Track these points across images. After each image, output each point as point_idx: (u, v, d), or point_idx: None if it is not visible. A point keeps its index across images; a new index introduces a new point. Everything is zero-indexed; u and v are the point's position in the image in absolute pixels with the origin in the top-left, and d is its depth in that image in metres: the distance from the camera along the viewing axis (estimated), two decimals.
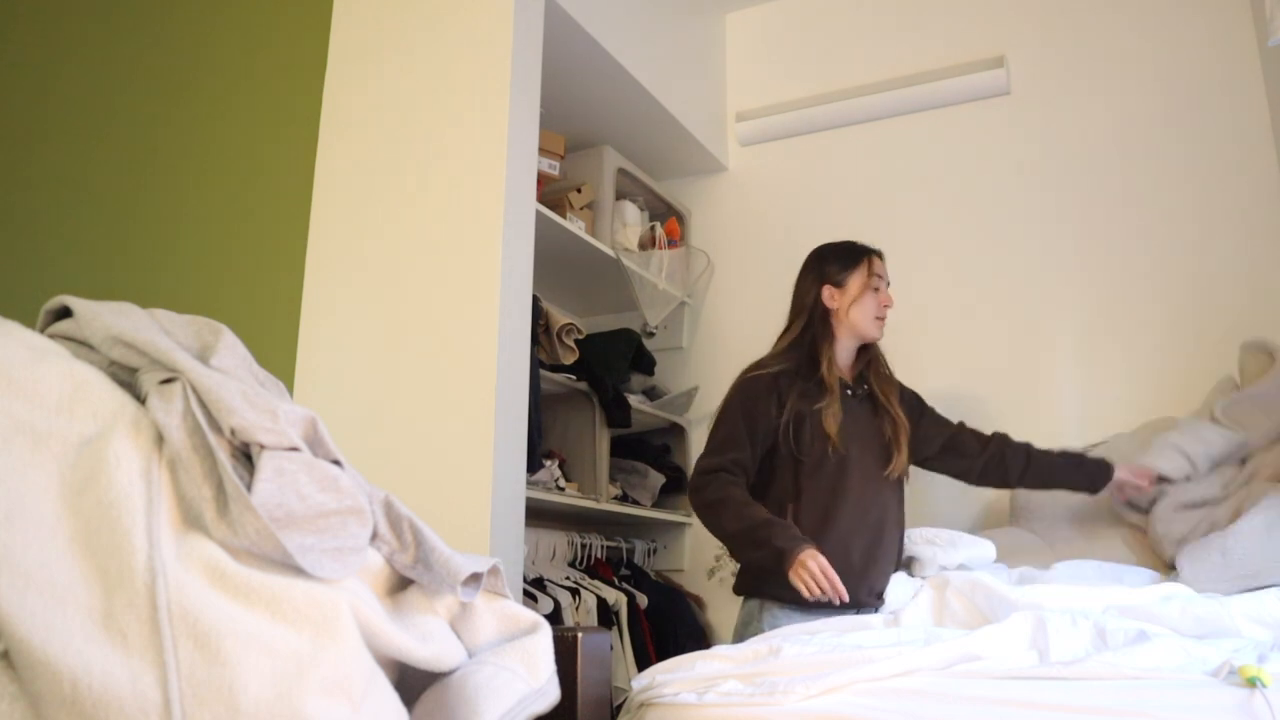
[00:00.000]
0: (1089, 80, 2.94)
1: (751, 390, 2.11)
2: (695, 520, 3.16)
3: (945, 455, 2.26)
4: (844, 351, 2.20)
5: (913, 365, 2.93)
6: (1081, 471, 2.22)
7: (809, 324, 2.18)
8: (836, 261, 2.23)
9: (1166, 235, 2.75)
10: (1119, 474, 2.19)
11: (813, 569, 1.80)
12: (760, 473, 2.10)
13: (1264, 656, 1.12)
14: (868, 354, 2.23)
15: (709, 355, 3.29)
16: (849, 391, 2.17)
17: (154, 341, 0.74)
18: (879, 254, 2.26)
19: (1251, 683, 0.97)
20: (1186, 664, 1.12)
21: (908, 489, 2.24)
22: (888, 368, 2.25)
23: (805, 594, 1.80)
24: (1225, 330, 2.63)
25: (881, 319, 2.19)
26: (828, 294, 2.19)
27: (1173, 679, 1.06)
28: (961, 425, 2.30)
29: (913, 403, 2.26)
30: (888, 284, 2.24)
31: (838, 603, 1.81)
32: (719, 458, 2.07)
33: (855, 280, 2.18)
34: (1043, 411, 2.79)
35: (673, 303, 3.23)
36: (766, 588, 2.02)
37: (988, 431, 2.29)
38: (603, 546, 2.84)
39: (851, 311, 2.17)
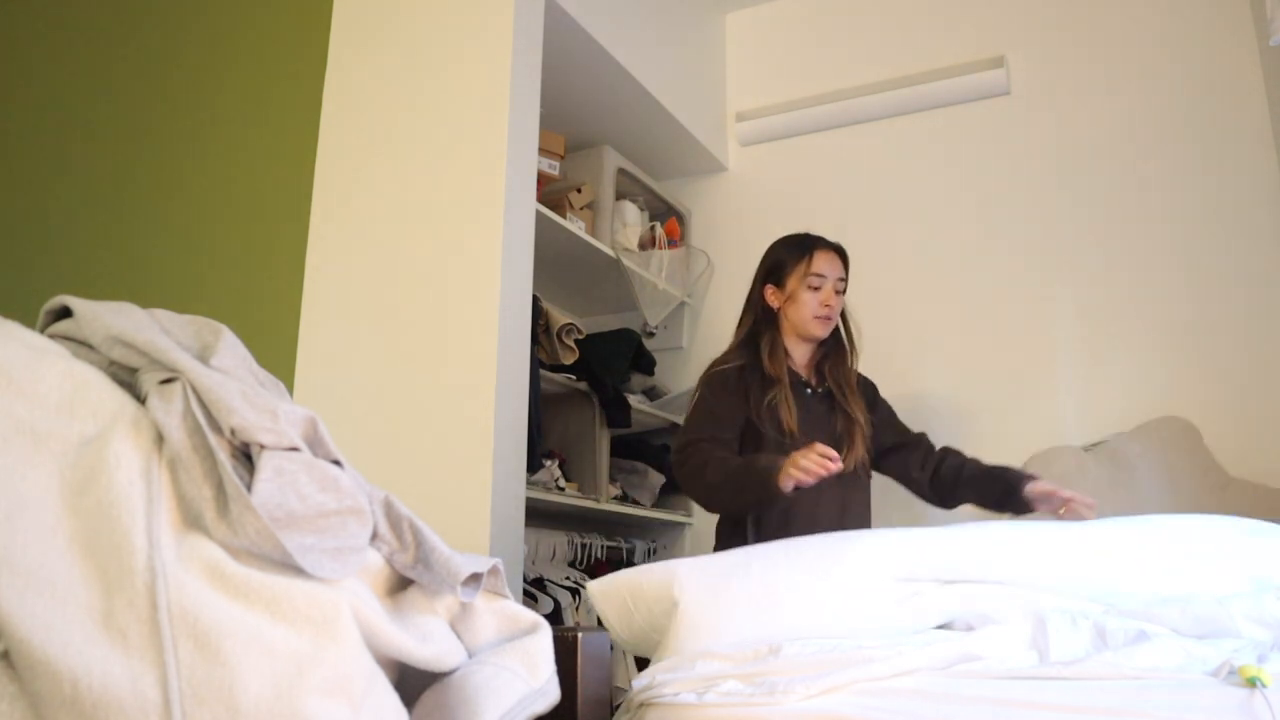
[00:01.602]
0: (1089, 80, 2.94)
1: (718, 383, 2.12)
2: (695, 520, 3.16)
3: (891, 460, 2.20)
4: (797, 348, 2.19)
5: (912, 365, 2.94)
6: (1001, 480, 2.06)
7: (755, 321, 2.20)
8: (779, 258, 2.22)
9: (1166, 235, 2.75)
10: (1036, 487, 1.96)
11: (802, 462, 1.78)
12: None
13: (1264, 656, 1.12)
14: (824, 349, 2.21)
15: (709, 355, 3.27)
16: (808, 390, 2.16)
17: (154, 341, 0.74)
18: (830, 247, 2.21)
19: (1251, 683, 0.97)
20: (1186, 664, 1.12)
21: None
22: (849, 362, 2.21)
23: (810, 481, 1.77)
24: (1225, 330, 2.64)
25: (822, 318, 2.15)
26: (770, 293, 2.20)
27: (1173, 679, 1.06)
28: (920, 437, 2.25)
29: (868, 394, 2.24)
30: (840, 279, 2.19)
31: (836, 469, 1.78)
32: (695, 434, 2.06)
33: (793, 279, 2.17)
34: (1043, 411, 2.79)
35: (673, 303, 3.23)
36: None
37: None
38: (603, 546, 2.84)
39: (789, 310, 2.17)
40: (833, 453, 1.78)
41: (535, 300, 2.38)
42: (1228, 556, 1.45)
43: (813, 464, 1.77)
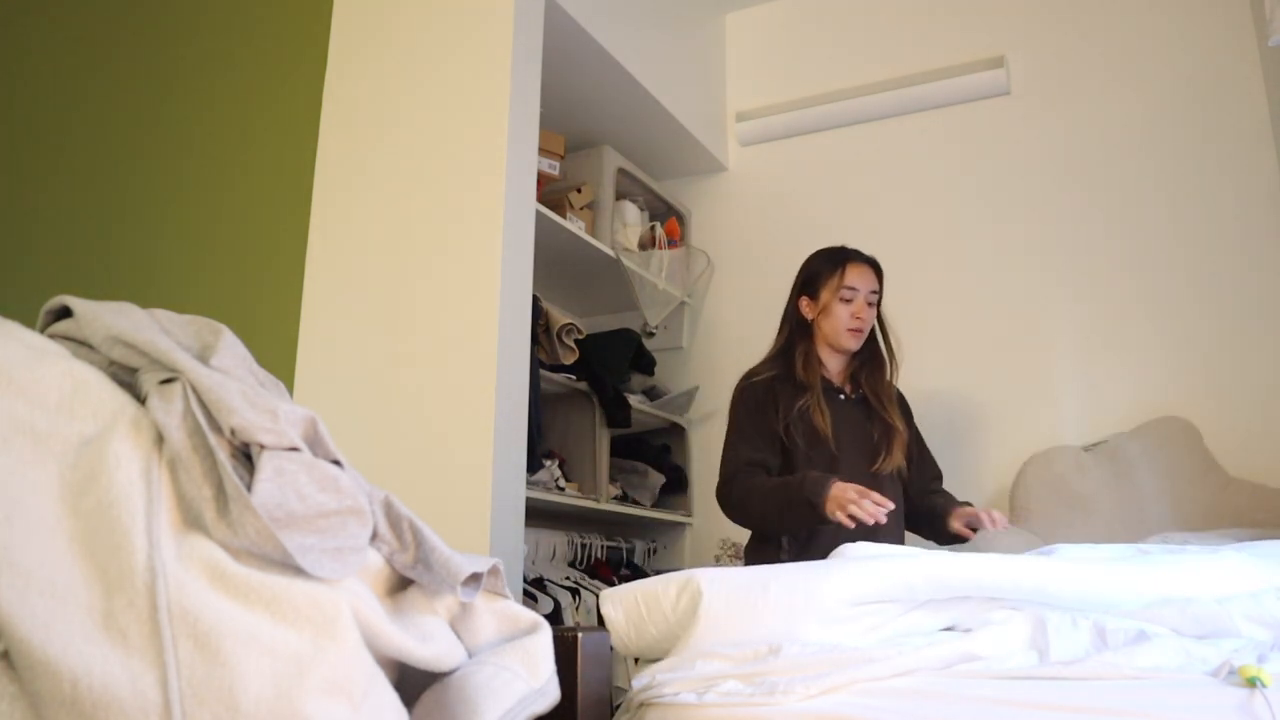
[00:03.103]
0: (1089, 80, 2.94)
1: (751, 396, 2.16)
2: (695, 520, 3.17)
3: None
4: (831, 359, 2.24)
5: (913, 365, 2.93)
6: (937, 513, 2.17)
7: (791, 333, 2.24)
8: (813, 271, 2.26)
9: (1166, 234, 2.75)
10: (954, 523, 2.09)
11: (850, 497, 1.80)
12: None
13: (1264, 656, 1.11)
14: (860, 359, 2.25)
15: (709, 355, 3.30)
16: (841, 395, 2.20)
17: (154, 341, 0.74)
18: (863, 260, 2.24)
19: (1251, 683, 0.97)
20: (1186, 664, 1.11)
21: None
22: (887, 374, 2.25)
23: (849, 524, 1.79)
24: (1225, 330, 2.64)
25: (854, 330, 2.19)
26: (804, 304, 2.25)
27: (1173, 679, 1.06)
28: (935, 474, 2.30)
29: (906, 413, 2.29)
30: (873, 292, 2.22)
31: (874, 523, 1.79)
32: (734, 464, 2.10)
33: (826, 291, 2.20)
34: (1043, 411, 2.79)
35: (673, 303, 3.23)
36: None
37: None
38: (603, 546, 2.84)
39: (822, 322, 2.21)
40: (887, 504, 1.79)
41: (535, 300, 2.38)
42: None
43: (864, 513, 1.78)
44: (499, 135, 2.14)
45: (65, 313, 0.80)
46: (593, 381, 2.77)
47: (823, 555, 1.66)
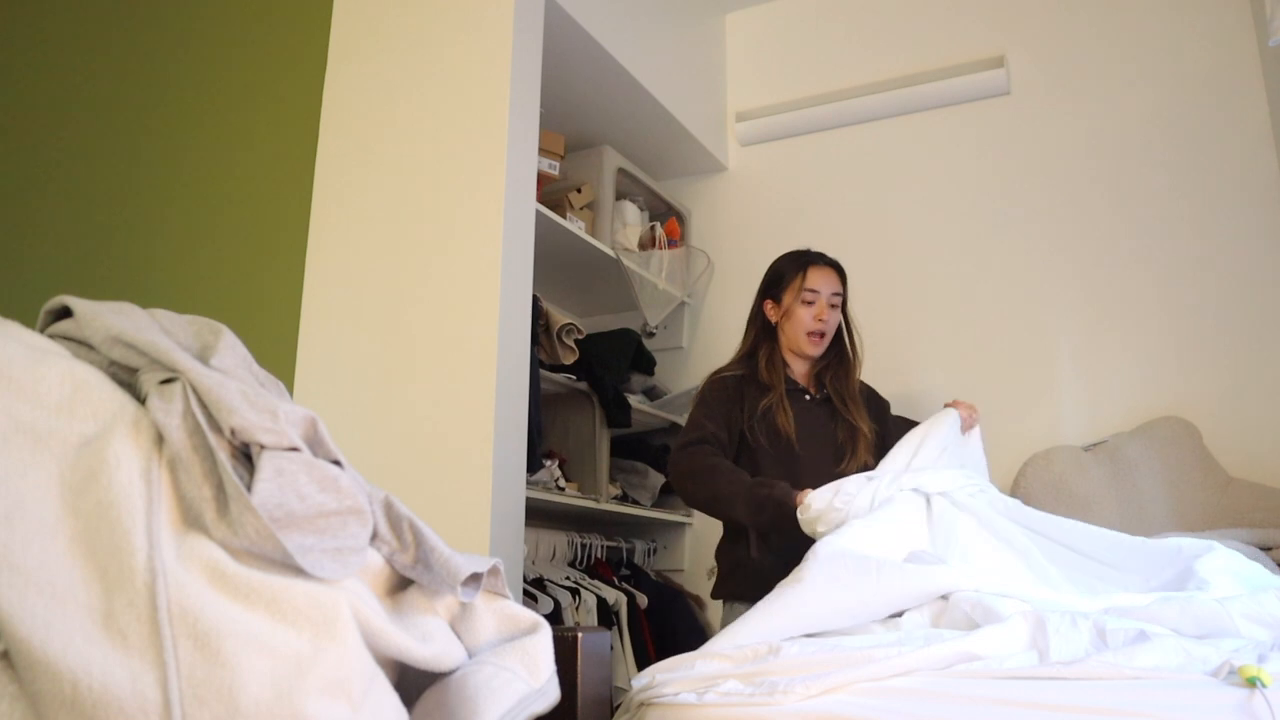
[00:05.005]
0: (1089, 80, 2.94)
1: (718, 389, 2.18)
2: (695, 520, 3.16)
3: None
4: (795, 361, 2.24)
5: (912, 365, 2.93)
6: None
7: (756, 336, 2.26)
8: (776, 274, 2.28)
9: (1166, 235, 2.75)
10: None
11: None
12: None
13: (1264, 656, 1.11)
14: (825, 359, 2.25)
15: (709, 355, 3.29)
16: (806, 396, 2.20)
17: (154, 341, 0.74)
18: (825, 262, 2.25)
19: (1251, 683, 0.97)
20: (1186, 664, 1.11)
21: None
22: (852, 373, 2.25)
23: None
24: (1225, 330, 2.63)
25: (815, 334, 2.19)
26: (768, 307, 2.26)
27: (1173, 679, 1.06)
28: None
29: (878, 408, 2.29)
30: (836, 294, 2.23)
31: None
32: (696, 434, 2.11)
33: (789, 294, 2.22)
34: (1043, 411, 2.79)
35: (673, 303, 3.23)
36: (731, 587, 2.09)
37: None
38: (603, 546, 2.83)
39: (785, 325, 2.22)
40: None
41: (535, 300, 2.38)
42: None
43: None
44: (499, 135, 2.14)
45: (65, 313, 0.80)
46: (593, 381, 2.77)
47: (794, 552, 1.67)
